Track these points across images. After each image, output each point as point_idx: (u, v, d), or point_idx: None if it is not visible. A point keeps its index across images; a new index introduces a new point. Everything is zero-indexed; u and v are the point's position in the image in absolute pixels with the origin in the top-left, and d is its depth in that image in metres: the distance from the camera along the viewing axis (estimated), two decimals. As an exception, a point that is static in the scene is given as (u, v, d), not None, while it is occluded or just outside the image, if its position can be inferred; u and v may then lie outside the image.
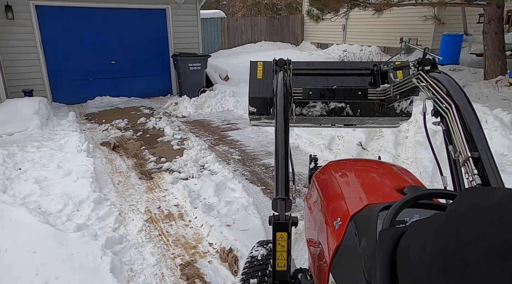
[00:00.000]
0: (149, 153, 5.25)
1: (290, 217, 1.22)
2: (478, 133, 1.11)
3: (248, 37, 16.41)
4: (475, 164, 1.07)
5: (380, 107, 2.09)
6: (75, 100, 7.98)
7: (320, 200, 1.56)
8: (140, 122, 6.74)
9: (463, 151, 1.10)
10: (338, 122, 2.36)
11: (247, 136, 5.98)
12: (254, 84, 2.18)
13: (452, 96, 1.22)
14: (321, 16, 10.71)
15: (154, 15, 8.36)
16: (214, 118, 7.13)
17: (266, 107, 2.14)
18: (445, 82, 1.30)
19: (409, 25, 12.17)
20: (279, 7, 26.66)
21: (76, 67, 7.86)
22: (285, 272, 1.23)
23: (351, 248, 1.11)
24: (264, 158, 5.07)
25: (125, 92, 8.50)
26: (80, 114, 7.35)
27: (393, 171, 1.61)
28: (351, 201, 1.31)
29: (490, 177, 1.04)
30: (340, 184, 1.50)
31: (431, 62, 1.54)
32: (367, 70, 2.18)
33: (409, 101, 2.18)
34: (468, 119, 1.14)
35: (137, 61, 8.48)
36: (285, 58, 2.00)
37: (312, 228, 1.61)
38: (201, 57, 8.24)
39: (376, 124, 2.37)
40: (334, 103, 2.15)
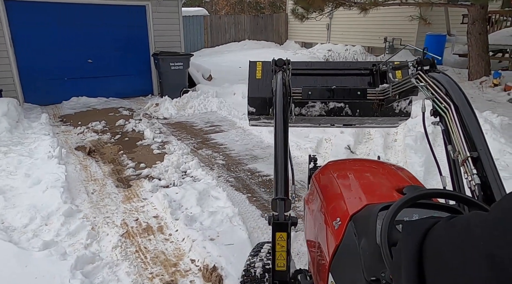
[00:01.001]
0: (128, 158, 4.95)
1: (289, 217, 1.21)
2: (477, 133, 1.11)
3: (231, 36, 16.14)
4: (474, 164, 1.06)
5: (379, 107, 2.08)
6: (49, 101, 7.55)
7: (320, 200, 1.55)
8: (118, 125, 6.41)
9: (462, 150, 1.10)
10: (337, 122, 2.34)
11: (232, 139, 5.75)
12: (253, 84, 2.15)
13: (451, 96, 1.22)
14: (306, 15, 10.56)
15: (133, 12, 8.00)
16: (197, 120, 6.86)
17: (266, 107, 2.13)
18: (444, 82, 1.29)
19: (393, 25, 12.16)
20: (263, 6, 26.45)
21: (50, 66, 7.43)
22: (285, 272, 1.22)
23: (351, 248, 1.10)
24: (249, 162, 4.85)
25: (103, 92, 8.11)
26: (54, 116, 6.95)
27: (393, 171, 1.60)
28: (351, 201, 1.30)
29: (489, 177, 1.03)
30: (340, 184, 1.49)
31: (430, 62, 1.52)
32: (366, 70, 2.16)
33: (408, 101, 2.16)
34: (467, 119, 1.14)
35: (116, 60, 8.11)
36: (284, 58, 1.97)
37: (312, 228, 1.60)
38: (183, 56, 7.94)
39: (375, 124, 2.35)
40: (333, 103, 2.14)
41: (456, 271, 0.54)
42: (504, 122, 4.46)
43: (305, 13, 10.48)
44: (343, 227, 1.20)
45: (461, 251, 0.54)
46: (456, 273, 0.54)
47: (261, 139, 5.71)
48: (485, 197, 1.03)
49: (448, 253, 0.58)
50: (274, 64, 1.95)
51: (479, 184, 1.03)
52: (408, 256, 0.65)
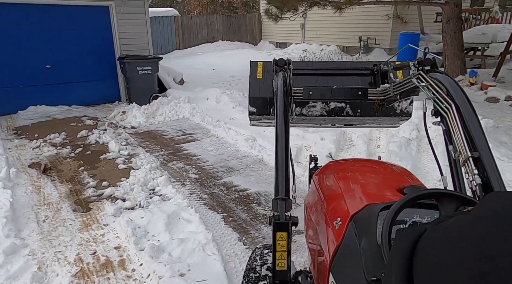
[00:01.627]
0: (89, 175, 4.45)
1: (290, 217, 1.20)
2: (478, 133, 1.11)
3: (204, 37, 15.65)
4: (475, 164, 1.06)
5: (380, 107, 2.07)
6: (1, 111, 6.87)
7: (320, 200, 1.54)
8: (80, 136, 5.86)
9: (463, 150, 1.10)
10: (338, 122, 2.33)
11: (205, 149, 5.34)
12: (254, 84, 2.14)
13: (452, 96, 1.22)
14: (279, 15, 10.27)
15: (96, 13, 7.43)
16: (167, 128, 6.40)
17: (266, 107, 2.12)
18: (445, 82, 1.29)
19: (367, 24, 12.07)
20: (236, 6, 26.06)
21: (2, 72, 6.75)
22: (285, 272, 1.22)
23: (351, 248, 1.10)
24: (224, 175, 4.46)
25: (65, 100, 7.49)
26: (8, 128, 6.30)
27: (393, 171, 1.60)
28: (351, 201, 1.30)
29: (490, 177, 1.02)
30: (340, 184, 1.49)
31: (431, 62, 1.51)
32: (367, 70, 2.15)
33: (409, 101, 2.16)
34: (468, 119, 1.14)
35: (78, 65, 7.50)
36: (285, 58, 1.96)
37: (312, 228, 1.60)
38: (151, 59, 7.44)
39: (376, 124, 2.34)
40: (334, 103, 2.13)
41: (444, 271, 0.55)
42: (489, 125, 4.28)
43: (279, 13, 10.18)
44: (344, 227, 1.20)
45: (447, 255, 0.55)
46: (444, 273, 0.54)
47: (237, 148, 5.33)
48: None
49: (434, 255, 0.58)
50: (275, 64, 1.93)
51: (480, 184, 1.02)
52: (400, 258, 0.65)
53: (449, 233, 0.59)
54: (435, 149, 1.49)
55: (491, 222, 0.52)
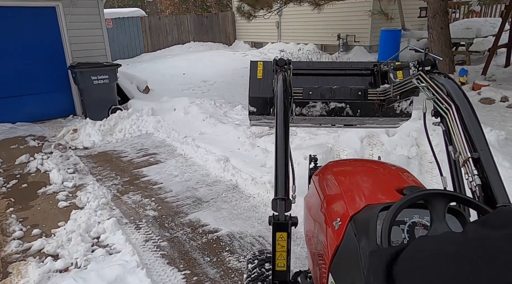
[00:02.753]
0: (18, 219, 3.54)
1: (290, 217, 1.19)
2: (478, 134, 1.11)
3: (174, 38, 14.68)
4: (475, 165, 1.06)
5: (380, 107, 2.07)
6: None
7: (320, 200, 1.54)
8: (19, 163, 4.90)
9: (463, 151, 1.11)
10: (338, 122, 2.34)
11: (169, 174, 4.50)
12: (254, 84, 2.12)
13: (452, 96, 1.22)
14: (253, 13, 9.50)
15: (41, 15, 6.43)
16: (127, 147, 5.51)
17: (266, 107, 2.10)
18: (445, 83, 1.29)
19: (346, 22, 11.46)
20: (209, 4, 25.12)
21: None
22: (285, 272, 1.22)
23: (351, 249, 1.10)
24: (191, 209, 3.65)
25: (8, 116, 6.47)
26: None
27: (393, 171, 1.59)
28: (351, 201, 1.30)
29: (490, 178, 1.02)
30: (340, 184, 1.48)
31: (431, 62, 1.48)
32: (367, 70, 2.14)
33: (409, 102, 2.15)
34: (468, 120, 1.14)
35: (23, 75, 6.49)
36: (285, 58, 1.92)
37: (312, 228, 1.60)
38: (107, 67, 6.51)
39: (376, 124, 2.33)
40: (334, 103, 2.13)
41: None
42: (500, 138, 3.64)
43: (252, 11, 9.41)
44: (343, 227, 1.20)
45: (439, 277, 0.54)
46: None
47: (207, 171, 4.52)
48: (486, 198, 1.02)
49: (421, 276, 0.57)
50: (275, 64, 1.92)
51: (480, 184, 1.02)
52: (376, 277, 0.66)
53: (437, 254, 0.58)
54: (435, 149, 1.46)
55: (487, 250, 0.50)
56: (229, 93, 8.26)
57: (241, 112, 6.49)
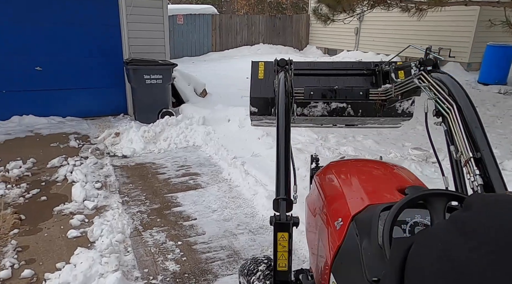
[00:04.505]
0: (17, 246, 2.90)
1: (291, 217, 1.19)
2: (479, 134, 1.11)
3: (244, 39, 14.03)
4: (477, 165, 1.06)
5: (382, 107, 2.05)
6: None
7: (321, 200, 1.54)
8: (50, 167, 4.39)
9: (464, 151, 1.11)
10: (339, 122, 2.33)
11: (207, 207, 3.63)
12: (256, 85, 2.12)
13: (454, 96, 1.23)
14: (331, 16, 8.36)
15: (101, 5, 6.02)
16: (168, 161, 4.77)
17: (268, 108, 2.11)
18: (447, 82, 1.29)
19: (441, 32, 9.77)
20: (284, 6, 24.32)
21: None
22: (286, 272, 1.23)
23: (352, 249, 1.11)
24: (223, 269, 2.72)
25: (59, 110, 6.16)
26: (-27, 145, 5.01)
27: (395, 171, 1.59)
28: (352, 201, 1.31)
29: (492, 177, 1.03)
30: (342, 184, 1.49)
31: (432, 62, 1.51)
32: (369, 70, 2.13)
33: (411, 102, 2.12)
34: (469, 120, 1.15)
35: (77, 68, 6.13)
36: (287, 58, 1.96)
37: (313, 228, 1.61)
38: (162, 66, 5.88)
39: (378, 124, 2.30)
40: (336, 104, 2.14)
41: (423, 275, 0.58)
42: None
43: (331, 14, 8.28)
44: (345, 227, 1.21)
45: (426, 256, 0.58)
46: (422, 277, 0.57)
47: (254, 209, 3.57)
48: None
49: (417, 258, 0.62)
50: (277, 64, 1.94)
51: (482, 184, 1.03)
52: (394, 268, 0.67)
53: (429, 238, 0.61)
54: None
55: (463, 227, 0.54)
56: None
57: (305, 132, 5.45)
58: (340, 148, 4.92)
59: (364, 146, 5.11)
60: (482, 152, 1.07)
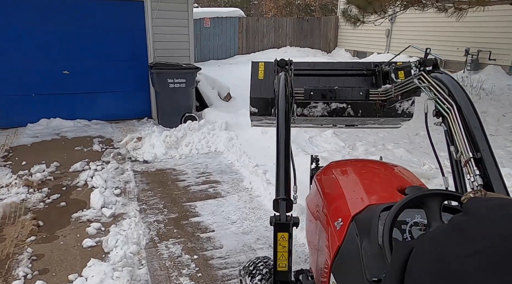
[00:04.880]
0: (32, 255, 2.85)
1: (291, 218, 1.20)
2: (479, 134, 1.10)
3: (270, 41, 13.86)
4: (477, 165, 1.06)
5: (382, 107, 2.04)
6: (8, 123, 5.78)
7: (321, 200, 1.53)
8: (73, 171, 4.39)
9: (464, 151, 1.10)
10: (339, 122, 2.32)
11: (226, 218, 3.47)
12: (256, 85, 2.11)
13: (454, 96, 1.21)
14: (361, 17, 8.03)
15: (127, 9, 6.03)
16: (188, 167, 4.66)
17: (268, 108, 2.10)
18: (447, 82, 1.28)
19: (480, 33, 9.19)
20: (313, 8, 23.95)
21: (11, 77, 5.65)
22: (286, 272, 1.23)
23: (352, 249, 1.10)
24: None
25: (85, 113, 6.22)
26: (1, 147, 5.10)
27: (395, 171, 1.58)
28: (353, 201, 1.30)
29: (492, 178, 1.02)
30: (342, 184, 1.48)
31: (432, 62, 1.51)
32: (369, 70, 2.13)
33: (411, 102, 2.12)
34: (469, 120, 1.14)
35: (103, 71, 6.18)
36: (287, 59, 1.97)
37: (313, 229, 1.60)
38: (186, 69, 5.80)
39: (378, 124, 2.28)
40: (336, 104, 2.12)
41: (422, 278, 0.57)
42: None
43: (361, 15, 7.95)
44: (345, 227, 1.20)
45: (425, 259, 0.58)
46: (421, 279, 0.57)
47: (275, 223, 3.36)
48: None
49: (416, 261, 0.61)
50: (277, 64, 1.93)
51: (482, 184, 1.02)
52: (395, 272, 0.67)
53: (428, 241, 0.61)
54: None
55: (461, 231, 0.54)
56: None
57: (331, 139, 5.20)
58: (369, 157, 4.63)
59: (395, 155, 4.80)
60: (482, 152, 1.07)
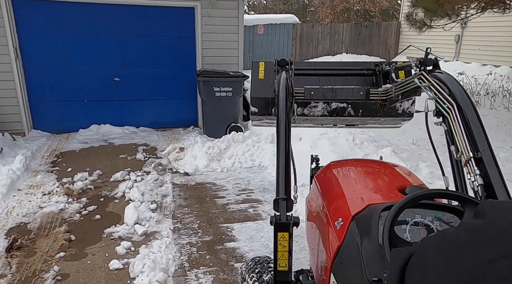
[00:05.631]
0: (57, 274, 2.70)
1: (291, 217, 1.20)
2: (480, 134, 1.11)
3: (325, 48, 13.31)
4: (477, 164, 1.06)
5: (382, 107, 2.04)
6: (62, 128, 5.94)
7: (322, 200, 1.53)
8: (113, 181, 4.30)
9: (465, 151, 1.11)
10: (339, 122, 2.35)
11: (264, 245, 3.09)
12: (256, 85, 2.13)
13: (455, 96, 1.22)
14: (428, 22, 7.26)
15: (177, 16, 5.95)
16: (229, 182, 4.36)
17: (268, 108, 2.11)
18: (447, 82, 1.29)
19: None
20: (372, 14, 22.88)
21: (66, 84, 5.81)
22: (287, 272, 1.23)
23: (353, 249, 1.11)
24: None
25: (133, 120, 6.24)
26: (52, 152, 5.21)
27: (395, 171, 1.58)
28: (353, 201, 1.30)
29: (492, 177, 1.03)
30: (342, 184, 1.48)
31: (433, 62, 1.51)
32: (369, 70, 2.13)
33: (411, 102, 2.13)
34: (470, 120, 1.14)
35: (152, 78, 6.15)
36: (287, 59, 1.94)
37: (314, 228, 1.59)
38: (233, 78, 5.55)
39: (378, 124, 2.31)
40: (336, 104, 2.15)
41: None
42: None
43: (428, 20, 7.19)
44: (345, 227, 1.20)
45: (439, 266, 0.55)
46: None
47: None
48: (488, 197, 1.03)
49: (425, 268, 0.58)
50: (277, 64, 1.94)
51: (482, 184, 1.03)
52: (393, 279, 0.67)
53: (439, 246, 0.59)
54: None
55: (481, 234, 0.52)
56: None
57: (390, 157, 4.60)
58: (435, 182, 3.98)
59: (468, 181, 4.07)
60: (482, 151, 1.07)
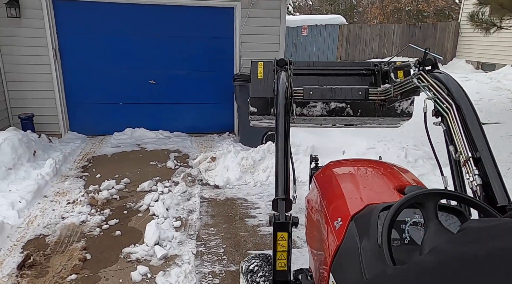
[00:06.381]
0: (65, 302, 2.43)
1: (290, 217, 1.21)
2: (478, 134, 1.11)
3: (373, 51, 12.50)
4: (476, 164, 1.07)
5: (381, 107, 2.05)
6: (98, 131, 5.86)
7: (321, 200, 1.54)
8: (139, 191, 4.06)
9: (463, 151, 1.11)
10: (338, 122, 2.33)
11: None
12: (255, 85, 2.12)
13: (453, 96, 1.22)
14: (498, 22, 6.39)
15: (215, 17, 5.65)
16: (263, 198, 3.95)
17: (267, 107, 2.11)
18: (446, 82, 1.29)
19: None
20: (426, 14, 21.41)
21: (102, 86, 5.72)
22: (286, 272, 1.23)
23: (352, 248, 1.11)
24: None
25: (167, 124, 6.04)
26: (84, 156, 5.11)
27: (394, 171, 1.58)
28: (352, 201, 1.30)
29: (490, 177, 1.03)
30: (341, 184, 1.48)
31: (432, 62, 1.52)
32: (368, 70, 2.16)
33: (410, 102, 2.13)
34: (468, 120, 1.14)
35: (188, 82, 5.91)
36: (286, 59, 1.96)
37: (313, 228, 1.60)
38: (272, 83, 5.13)
39: (377, 124, 2.30)
40: (335, 103, 2.15)
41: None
42: None
43: (498, 20, 6.32)
44: (344, 227, 1.20)
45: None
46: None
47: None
48: (486, 197, 1.03)
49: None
50: (276, 64, 1.95)
51: (481, 184, 1.03)
52: None
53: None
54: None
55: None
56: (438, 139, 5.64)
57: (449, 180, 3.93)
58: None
59: None
60: (481, 151, 1.07)
